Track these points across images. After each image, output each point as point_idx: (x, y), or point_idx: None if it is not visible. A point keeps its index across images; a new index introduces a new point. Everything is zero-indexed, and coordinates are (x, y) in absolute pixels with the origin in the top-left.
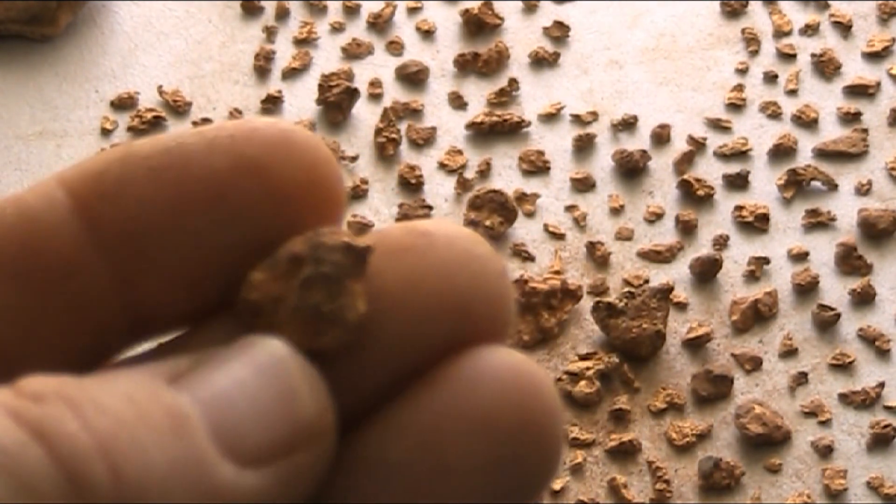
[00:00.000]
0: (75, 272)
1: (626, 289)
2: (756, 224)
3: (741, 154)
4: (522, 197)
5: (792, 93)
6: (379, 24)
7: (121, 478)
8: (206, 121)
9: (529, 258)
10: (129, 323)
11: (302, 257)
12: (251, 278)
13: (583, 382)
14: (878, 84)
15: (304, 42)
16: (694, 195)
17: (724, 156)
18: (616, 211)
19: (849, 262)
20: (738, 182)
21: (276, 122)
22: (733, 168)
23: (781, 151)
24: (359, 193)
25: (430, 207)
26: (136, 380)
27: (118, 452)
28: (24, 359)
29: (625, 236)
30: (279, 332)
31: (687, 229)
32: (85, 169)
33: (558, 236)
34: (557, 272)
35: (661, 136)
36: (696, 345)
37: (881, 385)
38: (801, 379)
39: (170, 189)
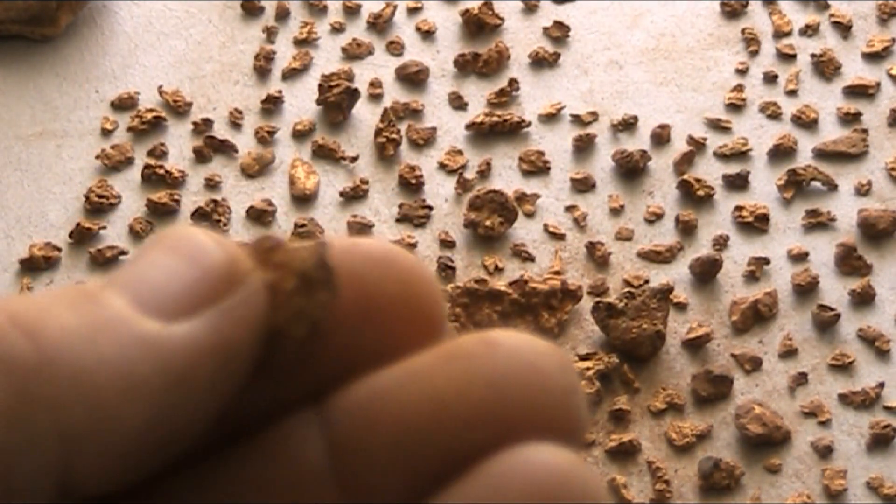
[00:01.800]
0: None
1: (626, 289)
2: (756, 224)
3: (741, 154)
4: (522, 197)
5: (792, 93)
6: (379, 24)
7: (37, 340)
8: (206, 121)
9: (529, 258)
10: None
11: (272, 283)
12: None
13: (583, 383)
14: (878, 84)
15: (305, 42)
16: (694, 195)
17: (724, 156)
18: (616, 211)
19: (849, 262)
20: (738, 182)
21: (380, 242)
22: (733, 168)
23: (781, 152)
24: (359, 194)
25: (430, 208)
26: (54, 290)
27: (30, 319)
28: None
29: (625, 236)
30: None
31: (687, 229)
32: None
33: (558, 236)
34: (557, 272)
35: (661, 137)
36: (696, 345)
37: (881, 385)
38: (801, 379)
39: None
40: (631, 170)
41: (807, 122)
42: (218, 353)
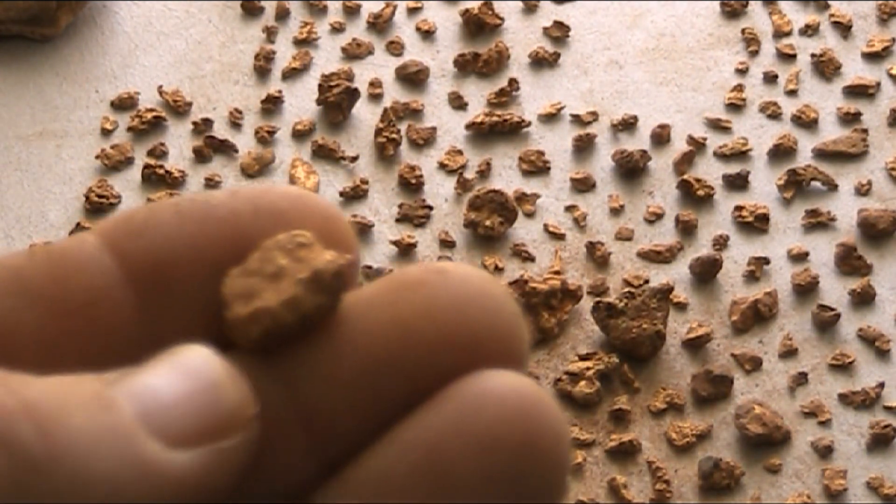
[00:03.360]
0: (102, 301)
1: (626, 289)
2: (756, 224)
3: (741, 154)
4: (522, 197)
5: (792, 93)
6: (379, 24)
7: (47, 437)
8: (206, 121)
9: (529, 258)
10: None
11: (285, 269)
12: (230, 273)
13: (583, 382)
14: (878, 84)
15: (304, 42)
16: (694, 195)
17: (724, 156)
18: (616, 211)
19: (849, 262)
20: (738, 182)
21: (295, 187)
22: (733, 168)
23: (781, 151)
24: (359, 193)
25: (430, 207)
26: (67, 377)
27: (44, 414)
28: None
29: (625, 236)
30: (234, 328)
31: (687, 229)
32: (116, 216)
33: (558, 236)
34: (557, 272)
35: (661, 136)
36: (696, 345)
37: (881, 385)
38: (801, 379)
39: (193, 226)
40: (631, 170)
41: (807, 122)
42: (204, 489)
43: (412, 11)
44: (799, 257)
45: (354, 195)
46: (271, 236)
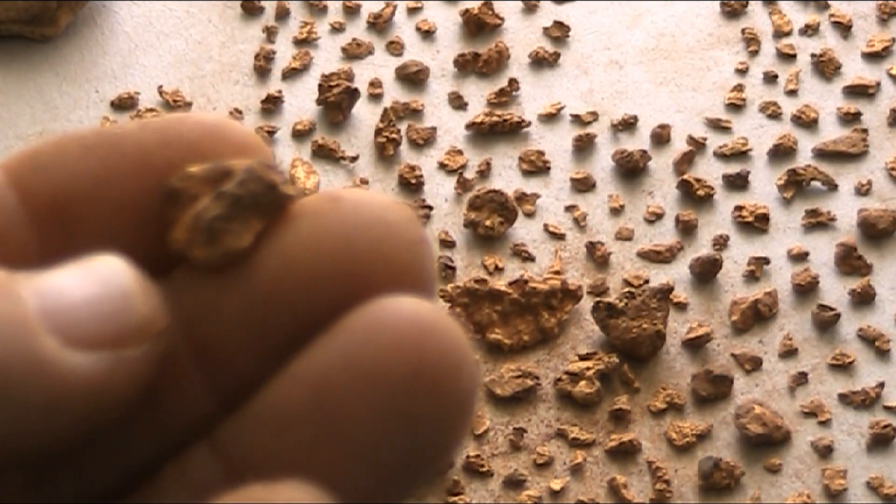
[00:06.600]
0: (5, 241)
1: (626, 289)
2: (756, 224)
3: (741, 154)
4: (522, 197)
5: (792, 93)
6: (379, 24)
7: None
8: None
9: (529, 258)
10: None
11: (231, 174)
12: (187, 170)
13: (583, 382)
14: (878, 84)
15: (304, 42)
16: (694, 195)
17: (724, 156)
18: (616, 211)
19: (849, 262)
20: (738, 182)
21: (212, 113)
22: (733, 168)
23: (781, 151)
24: None
25: (430, 207)
26: None
27: None
28: None
29: (625, 236)
30: (174, 228)
31: (687, 229)
32: (21, 151)
33: (558, 236)
34: (557, 272)
35: (661, 136)
36: (696, 345)
37: (881, 385)
38: (801, 379)
39: (99, 160)
40: (631, 170)
41: (807, 122)
42: (102, 395)
43: (412, 11)
44: (799, 257)
45: None
46: (182, 168)
